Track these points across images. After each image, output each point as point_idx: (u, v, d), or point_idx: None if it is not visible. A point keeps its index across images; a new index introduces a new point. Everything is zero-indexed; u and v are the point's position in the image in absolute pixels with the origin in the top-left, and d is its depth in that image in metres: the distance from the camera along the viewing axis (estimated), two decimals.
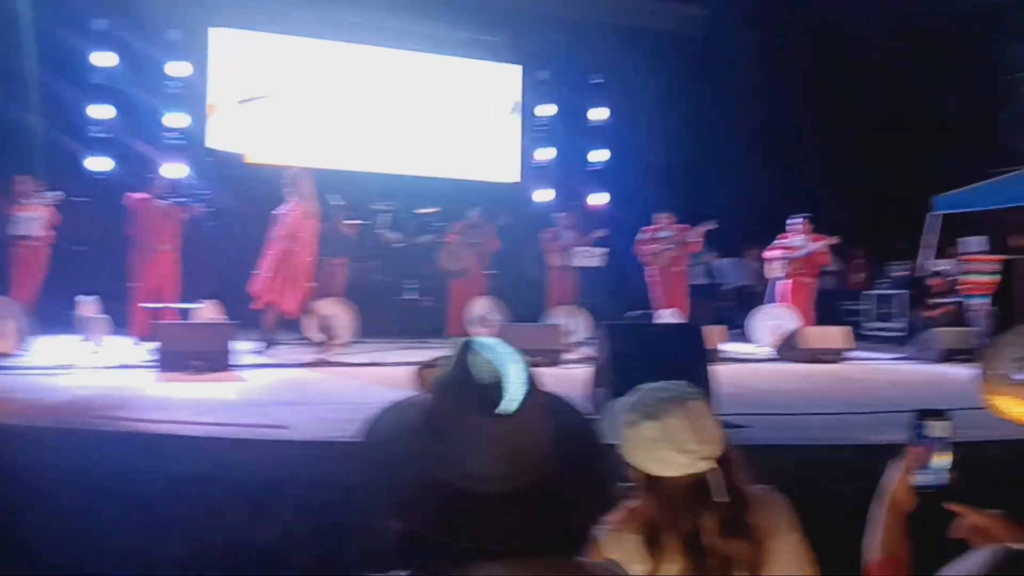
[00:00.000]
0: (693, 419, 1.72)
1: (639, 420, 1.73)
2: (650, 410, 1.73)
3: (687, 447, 1.70)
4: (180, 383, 6.32)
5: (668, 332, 5.69)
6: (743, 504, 1.73)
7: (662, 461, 1.71)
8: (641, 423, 1.73)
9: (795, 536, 1.81)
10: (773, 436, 4.52)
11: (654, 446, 1.71)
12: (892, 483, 1.61)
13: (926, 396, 6.37)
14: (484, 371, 1.17)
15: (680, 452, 1.70)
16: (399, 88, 13.73)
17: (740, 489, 1.74)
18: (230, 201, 11.25)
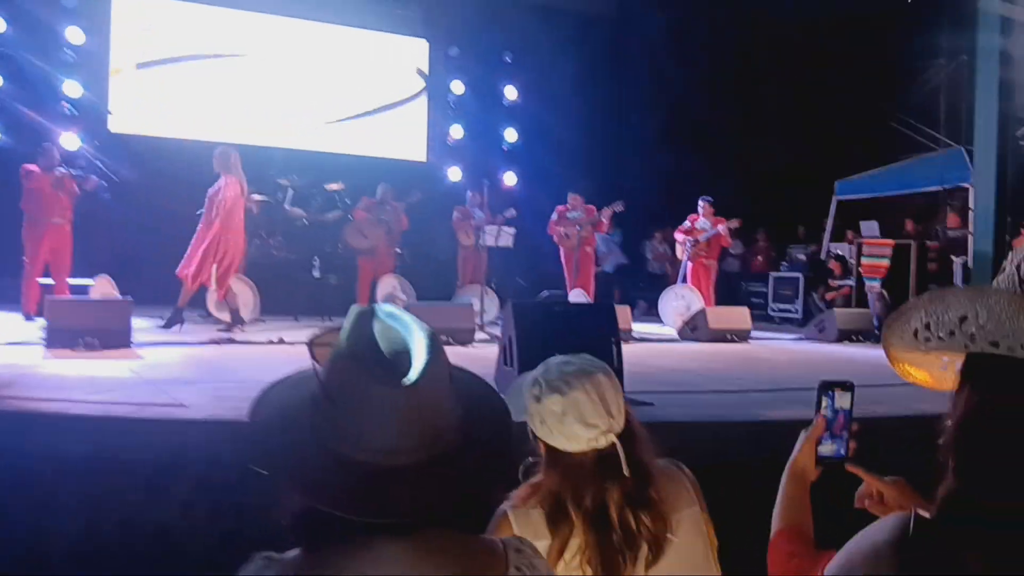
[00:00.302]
0: (599, 393, 1.70)
1: (545, 394, 1.71)
2: (556, 383, 1.71)
3: (592, 421, 1.68)
4: (73, 361, 6.06)
5: (577, 311, 5.71)
6: (647, 478, 1.73)
7: (567, 435, 1.69)
8: (547, 397, 1.70)
9: (697, 509, 1.82)
10: (677, 413, 4.59)
11: (559, 420, 1.69)
12: (797, 453, 1.63)
13: (823, 374, 6.56)
14: (388, 339, 1.12)
15: (585, 426, 1.68)
16: (305, 60, 13.40)
17: (644, 463, 1.74)
18: (129, 174, 10.83)
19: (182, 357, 6.60)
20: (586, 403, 1.69)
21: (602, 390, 1.71)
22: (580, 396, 1.69)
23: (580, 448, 1.69)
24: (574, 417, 1.68)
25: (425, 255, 12.61)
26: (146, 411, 4.30)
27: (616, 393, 1.74)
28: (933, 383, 1.16)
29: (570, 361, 1.77)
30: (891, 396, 5.59)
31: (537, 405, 1.71)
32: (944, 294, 1.10)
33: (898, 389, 5.88)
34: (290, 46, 13.33)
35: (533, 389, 1.73)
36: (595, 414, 1.69)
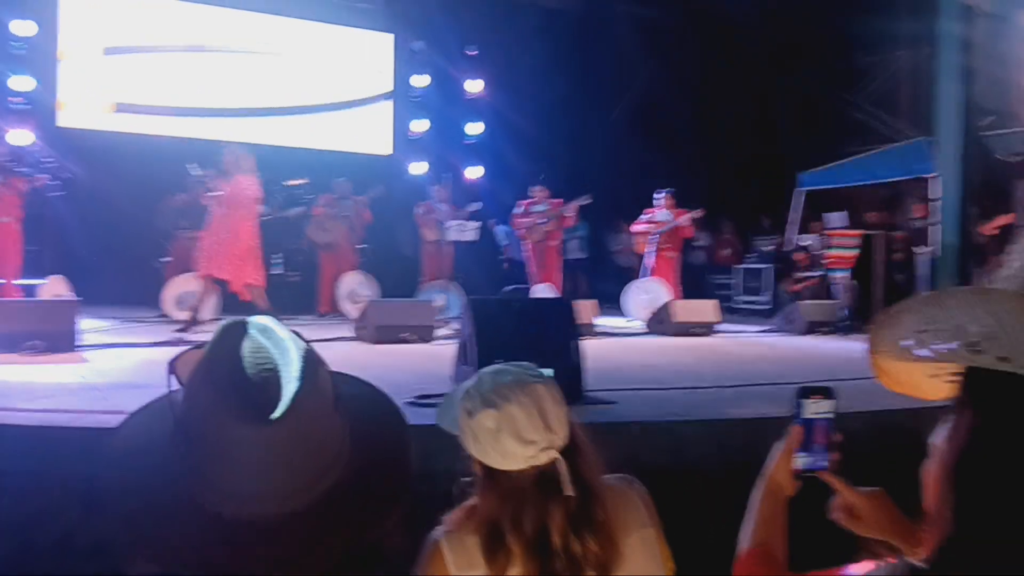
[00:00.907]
0: (536, 405, 1.54)
1: (477, 408, 1.54)
2: (489, 396, 1.54)
3: (529, 436, 1.52)
4: (14, 366, 5.81)
5: (536, 307, 5.56)
6: (593, 498, 1.56)
7: (503, 453, 1.53)
8: (479, 411, 1.54)
9: (651, 531, 1.66)
10: (640, 412, 4.45)
11: (493, 436, 1.52)
12: (772, 465, 1.48)
13: (791, 368, 6.49)
14: (257, 361, 0.94)
15: (521, 442, 1.52)
16: (267, 54, 13.14)
17: (590, 481, 1.57)
18: (81, 170, 10.54)
19: (131, 360, 6.35)
20: (522, 417, 1.52)
21: (541, 402, 1.54)
22: (516, 410, 1.52)
23: (518, 466, 1.53)
24: (509, 433, 1.51)
25: (389, 251, 12.43)
26: (84, 419, 4.09)
27: (557, 405, 1.57)
28: (920, 393, 1.01)
29: (505, 370, 1.60)
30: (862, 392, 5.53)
31: (469, 420, 1.54)
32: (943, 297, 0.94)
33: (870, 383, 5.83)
34: (252, 40, 13.07)
35: (465, 403, 1.56)
36: (533, 429, 1.52)
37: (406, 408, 4.39)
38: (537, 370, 1.62)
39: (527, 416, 1.52)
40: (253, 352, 0.94)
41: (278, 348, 0.94)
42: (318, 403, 0.92)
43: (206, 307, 9.39)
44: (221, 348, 0.95)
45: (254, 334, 0.95)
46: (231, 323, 0.99)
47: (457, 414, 1.56)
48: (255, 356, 0.93)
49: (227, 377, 0.91)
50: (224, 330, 0.97)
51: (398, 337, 7.79)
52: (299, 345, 0.95)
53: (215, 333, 0.98)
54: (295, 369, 0.91)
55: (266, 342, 0.95)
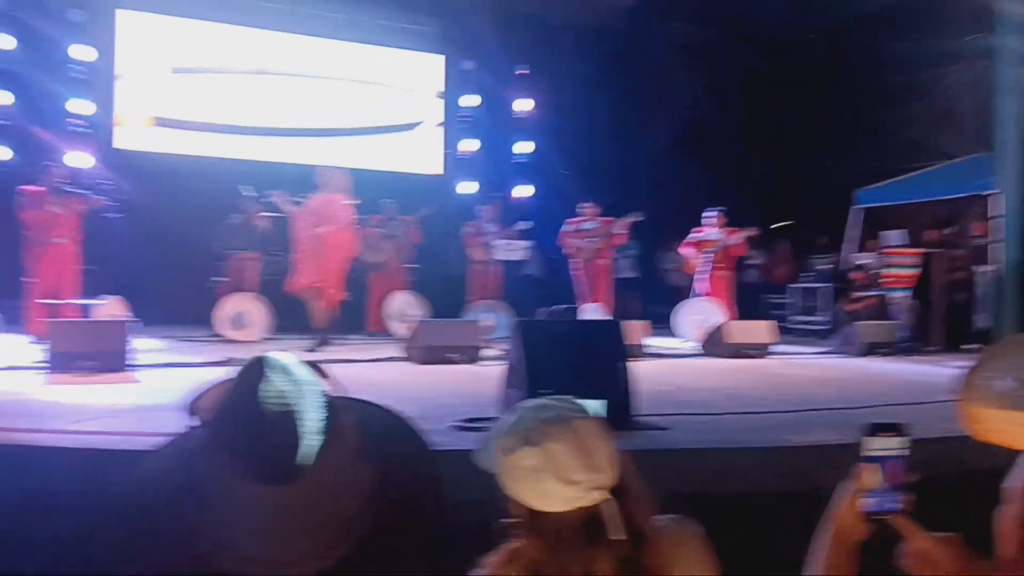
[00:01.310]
0: (580, 442, 1.43)
1: (517, 446, 1.44)
2: (529, 434, 1.44)
3: (573, 476, 1.41)
4: (70, 386, 5.87)
5: (584, 329, 5.45)
6: (645, 542, 1.45)
7: (545, 494, 1.42)
8: (519, 449, 1.44)
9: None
10: (695, 439, 4.30)
11: (535, 476, 1.42)
12: (839, 508, 1.36)
13: (850, 392, 6.27)
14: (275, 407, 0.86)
15: (565, 483, 1.41)
16: (317, 77, 13.28)
17: (640, 523, 1.46)
18: (137, 192, 10.72)
19: (182, 381, 6.37)
20: (565, 456, 1.41)
21: (585, 439, 1.44)
22: (558, 448, 1.42)
23: (561, 508, 1.42)
24: (551, 473, 1.41)
25: (438, 270, 12.41)
26: (130, 442, 4.07)
27: (603, 441, 1.47)
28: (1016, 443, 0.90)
29: (547, 405, 1.50)
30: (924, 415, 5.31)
31: (509, 459, 1.45)
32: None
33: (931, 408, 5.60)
34: (307, 63, 13.22)
35: (504, 440, 1.46)
36: (577, 468, 1.41)
37: (452, 432, 4.32)
38: (581, 405, 1.52)
39: (570, 454, 1.42)
40: (273, 398, 0.86)
41: (298, 393, 0.86)
42: (340, 456, 0.85)
43: (258, 326, 9.47)
44: (239, 394, 0.87)
45: (273, 376, 0.88)
46: (251, 363, 0.92)
47: (496, 453, 1.47)
48: (274, 402, 0.86)
49: (243, 428, 0.84)
50: (242, 374, 0.90)
51: (444, 357, 7.73)
52: (318, 390, 0.88)
53: (236, 375, 0.90)
54: (315, 420, 0.84)
55: (286, 385, 0.87)
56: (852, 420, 5.17)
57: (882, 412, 5.35)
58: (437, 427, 4.39)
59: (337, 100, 13.40)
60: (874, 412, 5.41)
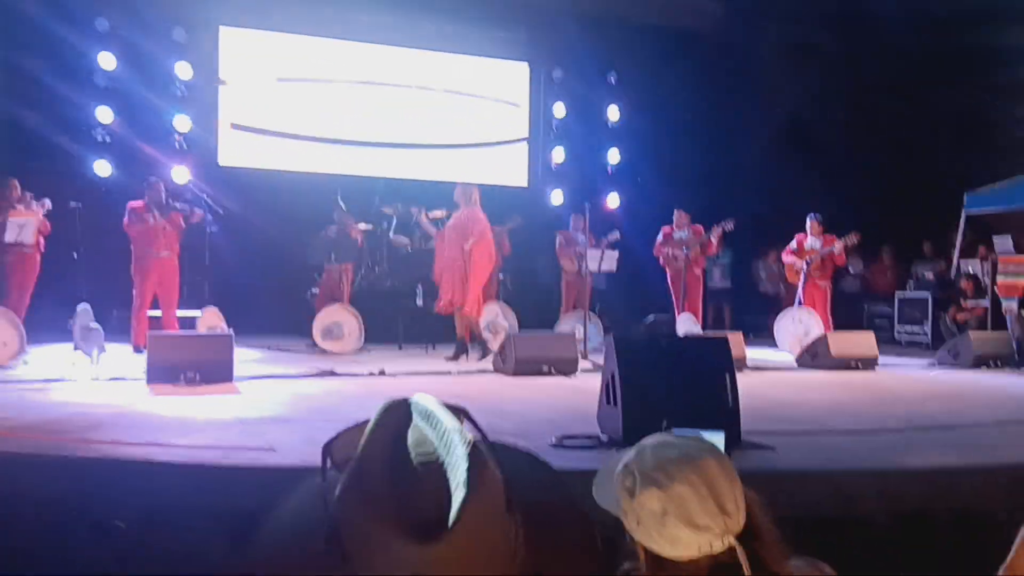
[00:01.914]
0: (709, 485, 1.33)
1: (640, 487, 1.35)
2: (653, 474, 1.35)
3: (702, 522, 1.32)
4: (172, 398, 6.01)
5: (685, 344, 5.30)
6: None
7: (671, 540, 1.33)
8: (642, 491, 1.35)
9: None
10: (803, 460, 4.14)
11: (659, 521, 1.33)
12: (1015, 553, 1.24)
13: (964, 408, 5.97)
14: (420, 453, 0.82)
15: (693, 528, 1.32)
16: (406, 87, 13.41)
17: (773, 568, 1.36)
18: (236, 206, 11.00)
19: (281, 392, 6.47)
20: (693, 499, 1.32)
21: (713, 481, 1.34)
22: (685, 490, 1.32)
23: (689, 555, 1.33)
24: (678, 517, 1.32)
25: (528, 281, 12.38)
26: (233, 456, 4.12)
27: (731, 483, 1.36)
28: None
29: (670, 443, 1.40)
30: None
31: (631, 501, 1.36)
32: None
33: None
34: (393, 74, 13.36)
35: (625, 480, 1.37)
36: (705, 513, 1.32)
37: (550, 451, 4.24)
38: (707, 442, 1.42)
39: (698, 498, 1.32)
40: (415, 446, 0.83)
41: (442, 441, 0.83)
42: (488, 509, 0.81)
43: (352, 337, 9.59)
44: (381, 440, 0.83)
45: (418, 422, 0.83)
46: (392, 406, 0.89)
47: (616, 492, 1.38)
48: (417, 451, 0.83)
49: (387, 480, 0.81)
50: (383, 415, 0.87)
51: (539, 370, 7.67)
52: (464, 437, 0.84)
53: (376, 418, 0.87)
54: (462, 471, 0.80)
55: (430, 432, 0.82)
56: (966, 440, 4.93)
57: (1004, 431, 5.07)
58: (536, 444, 4.32)
59: (421, 112, 13.48)
60: (993, 430, 5.13)
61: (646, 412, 4.00)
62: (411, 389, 4.10)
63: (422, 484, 0.80)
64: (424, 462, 0.81)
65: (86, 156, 11.30)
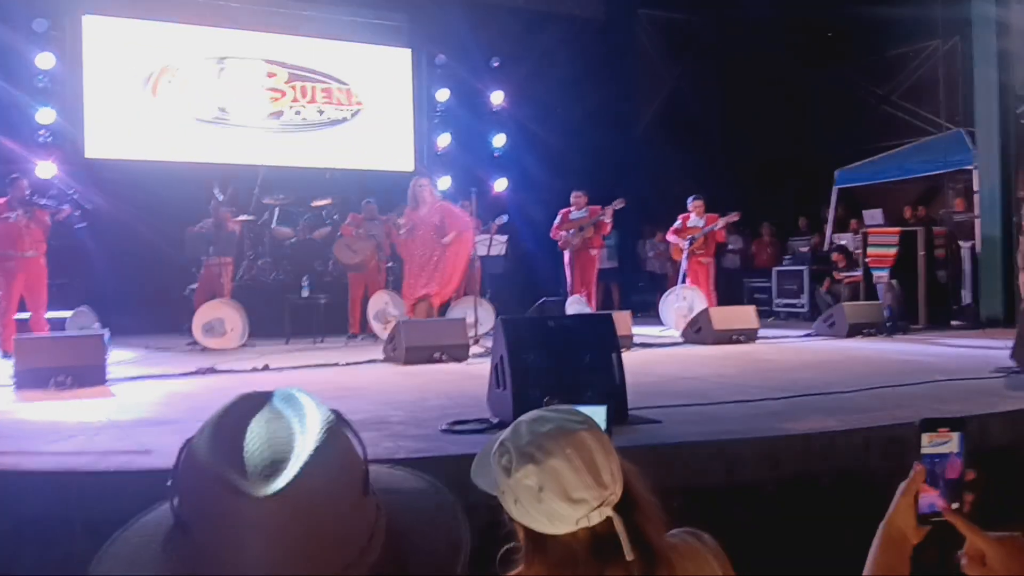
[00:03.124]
0: (584, 457, 1.30)
1: (516, 464, 1.31)
2: (527, 449, 1.31)
3: (578, 495, 1.28)
4: (42, 404, 5.69)
5: (572, 324, 5.32)
6: (658, 559, 1.33)
7: (549, 515, 1.29)
8: (518, 468, 1.30)
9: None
10: (689, 431, 4.20)
11: (536, 497, 1.29)
12: (893, 509, 1.26)
13: (840, 376, 6.20)
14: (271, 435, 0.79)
15: (569, 502, 1.28)
16: (283, 74, 13.07)
17: (653, 541, 1.33)
18: (106, 201, 10.49)
19: (159, 393, 6.21)
20: (568, 472, 1.28)
21: (588, 453, 1.30)
22: (560, 464, 1.29)
23: (568, 529, 1.29)
24: (554, 492, 1.28)
25: None
26: (108, 461, 3.92)
27: (607, 454, 1.33)
28: None
29: (544, 418, 1.35)
30: (918, 397, 5.25)
31: (508, 479, 1.31)
32: None
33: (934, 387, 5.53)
34: (270, 61, 13.00)
35: (501, 459, 1.32)
36: (581, 485, 1.28)
37: (440, 437, 4.19)
38: (582, 414, 1.39)
39: (574, 470, 1.29)
40: (269, 421, 0.79)
41: (298, 417, 0.80)
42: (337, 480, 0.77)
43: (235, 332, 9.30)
44: (230, 414, 0.81)
45: (276, 403, 0.82)
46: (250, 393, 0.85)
47: (494, 472, 1.34)
48: (270, 425, 0.79)
49: (229, 442, 0.77)
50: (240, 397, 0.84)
51: (431, 357, 7.60)
52: (324, 412, 0.81)
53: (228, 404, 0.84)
54: (314, 435, 0.77)
55: (287, 411, 0.81)
56: (844, 405, 5.11)
57: (878, 396, 5.27)
58: (425, 431, 4.27)
59: (302, 96, 13.18)
60: (869, 395, 5.33)
61: (535, 393, 3.99)
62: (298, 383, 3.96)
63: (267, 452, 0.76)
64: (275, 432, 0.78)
65: None
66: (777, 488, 4.02)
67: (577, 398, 3.41)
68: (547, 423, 1.33)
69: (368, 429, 4.32)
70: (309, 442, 0.76)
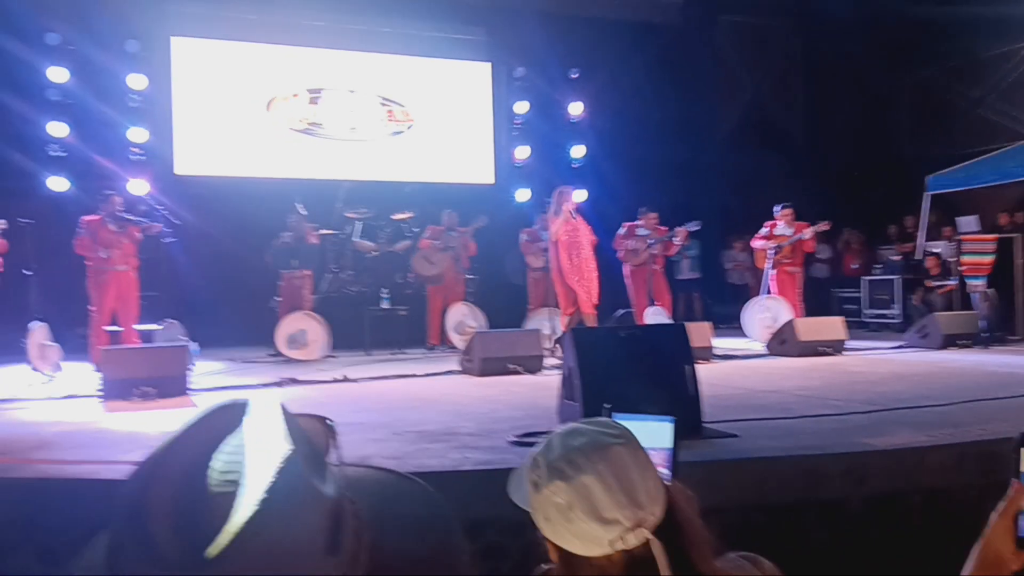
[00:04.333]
0: (617, 474, 1.21)
1: (544, 480, 1.23)
2: (557, 465, 1.23)
3: (610, 514, 1.20)
4: (125, 414, 5.84)
5: (644, 334, 5.20)
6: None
7: (579, 535, 1.21)
8: (547, 484, 1.23)
9: None
10: (767, 446, 4.05)
11: (566, 515, 1.21)
12: (991, 530, 1.15)
13: (931, 389, 5.92)
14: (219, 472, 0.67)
15: (600, 522, 1.20)
16: (367, 91, 13.27)
17: (698, 566, 1.23)
18: (195, 216, 10.79)
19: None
20: (600, 490, 1.20)
21: (623, 470, 1.22)
22: (591, 481, 1.20)
23: (601, 551, 1.21)
24: (584, 511, 1.20)
25: (497, 280, 12.26)
26: None
27: (644, 471, 1.24)
28: None
29: (578, 431, 1.27)
30: (1016, 410, 4.97)
31: (537, 495, 1.24)
32: None
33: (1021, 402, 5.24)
34: (354, 79, 13.21)
35: (532, 473, 1.25)
36: (614, 505, 1.20)
37: (510, 449, 4.13)
38: (619, 427, 1.30)
39: (605, 488, 1.20)
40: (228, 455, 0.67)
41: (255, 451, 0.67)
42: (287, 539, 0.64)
43: (317, 344, 9.43)
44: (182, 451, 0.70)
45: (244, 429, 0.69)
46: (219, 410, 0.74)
47: (526, 487, 1.27)
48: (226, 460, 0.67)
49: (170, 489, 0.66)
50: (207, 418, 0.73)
51: (505, 368, 7.56)
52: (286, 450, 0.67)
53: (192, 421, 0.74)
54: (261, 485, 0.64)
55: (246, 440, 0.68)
56: (935, 419, 4.87)
57: (972, 409, 5.01)
58: (495, 443, 4.21)
59: (385, 114, 13.36)
60: (962, 408, 5.07)
61: (604, 405, 3.89)
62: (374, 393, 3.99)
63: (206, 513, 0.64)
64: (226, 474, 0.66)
65: (40, 172, 11.05)
66: (863, 506, 3.84)
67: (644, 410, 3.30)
68: (580, 436, 1.25)
69: (437, 440, 4.30)
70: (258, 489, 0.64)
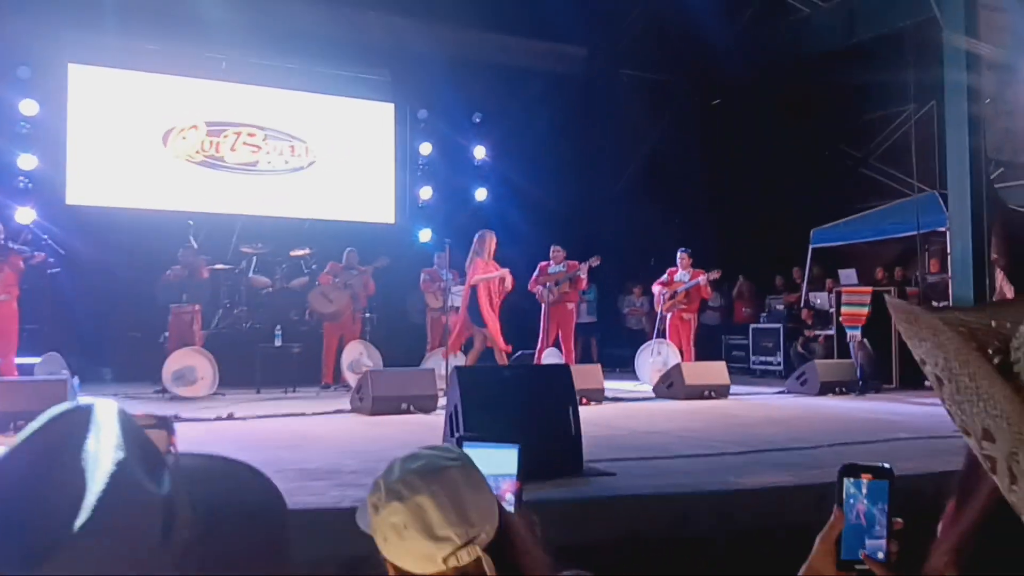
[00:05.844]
0: (450, 494, 1.28)
1: (383, 501, 1.30)
2: (395, 487, 1.30)
3: (441, 532, 1.26)
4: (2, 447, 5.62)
5: (530, 374, 5.32)
6: None
7: (413, 553, 1.27)
8: (385, 505, 1.29)
9: None
10: (641, 484, 4.19)
11: (401, 534, 1.28)
12: (814, 555, 1.25)
13: (802, 432, 6.20)
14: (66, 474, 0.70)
15: (432, 539, 1.26)
16: (268, 126, 13.21)
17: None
18: (84, 247, 10.52)
19: None
20: (432, 509, 1.27)
21: (456, 490, 1.29)
22: (424, 500, 1.27)
23: (435, 569, 1.27)
24: (418, 529, 1.26)
25: (395, 320, 12.26)
26: None
27: (477, 491, 1.32)
28: None
29: (417, 455, 1.35)
30: (879, 454, 5.25)
31: (377, 517, 1.30)
32: None
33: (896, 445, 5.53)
34: (255, 113, 13.14)
35: (372, 496, 1.32)
36: (445, 523, 1.27)
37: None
38: (456, 451, 1.38)
39: (438, 508, 1.27)
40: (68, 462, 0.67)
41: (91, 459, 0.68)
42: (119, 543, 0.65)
43: (204, 381, 9.25)
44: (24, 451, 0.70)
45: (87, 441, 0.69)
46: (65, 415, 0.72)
47: (367, 511, 1.34)
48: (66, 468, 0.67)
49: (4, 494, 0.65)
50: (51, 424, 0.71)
51: (398, 408, 7.56)
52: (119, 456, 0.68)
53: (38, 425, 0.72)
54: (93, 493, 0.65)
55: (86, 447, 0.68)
56: (803, 461, 5.11)
57: (837, 452, 5.27)
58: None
59: (287, 151, 13.32)
60: (829, 451, 5.33)
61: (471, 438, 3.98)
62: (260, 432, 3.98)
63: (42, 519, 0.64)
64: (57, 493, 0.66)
65: None
66: (727, 541, 4.00)
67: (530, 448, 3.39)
68: (418, 460, 1.33)
69: (318, 478, 4.29)
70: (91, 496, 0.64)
